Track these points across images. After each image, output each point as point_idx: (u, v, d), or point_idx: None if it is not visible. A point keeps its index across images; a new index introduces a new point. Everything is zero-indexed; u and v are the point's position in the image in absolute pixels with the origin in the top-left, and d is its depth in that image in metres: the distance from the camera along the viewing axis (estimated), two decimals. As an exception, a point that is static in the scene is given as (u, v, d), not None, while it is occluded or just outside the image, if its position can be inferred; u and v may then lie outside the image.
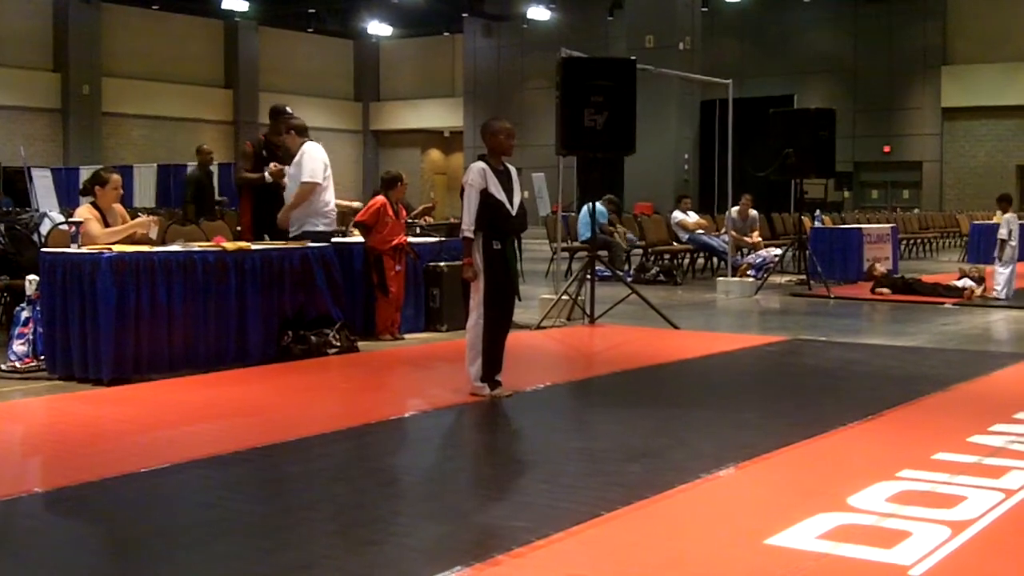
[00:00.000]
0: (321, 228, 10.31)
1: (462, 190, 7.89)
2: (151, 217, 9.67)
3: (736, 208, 18.90)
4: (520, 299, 8.20)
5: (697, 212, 20.98)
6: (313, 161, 10.22)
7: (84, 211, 9.28)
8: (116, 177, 9.46)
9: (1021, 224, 24.43)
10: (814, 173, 17.51)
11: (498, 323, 7.84)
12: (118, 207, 9.47)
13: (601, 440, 6.78)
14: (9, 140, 35.91)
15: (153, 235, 9.25)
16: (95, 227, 9.05)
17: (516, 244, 8.08)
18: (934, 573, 4.19)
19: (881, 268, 16.54)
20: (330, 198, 10.42)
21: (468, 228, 7.70)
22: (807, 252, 16.95)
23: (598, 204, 18.44)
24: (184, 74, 42.47)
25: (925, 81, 38.23)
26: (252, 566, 4.30)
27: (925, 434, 6.67)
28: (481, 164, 7.80)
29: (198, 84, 43.07)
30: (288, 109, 11.07)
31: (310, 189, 10.23)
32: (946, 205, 37.01)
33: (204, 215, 13.76)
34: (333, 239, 10.71)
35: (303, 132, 10.46)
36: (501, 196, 7.74)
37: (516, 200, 7.85)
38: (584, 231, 17.89)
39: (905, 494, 5.22)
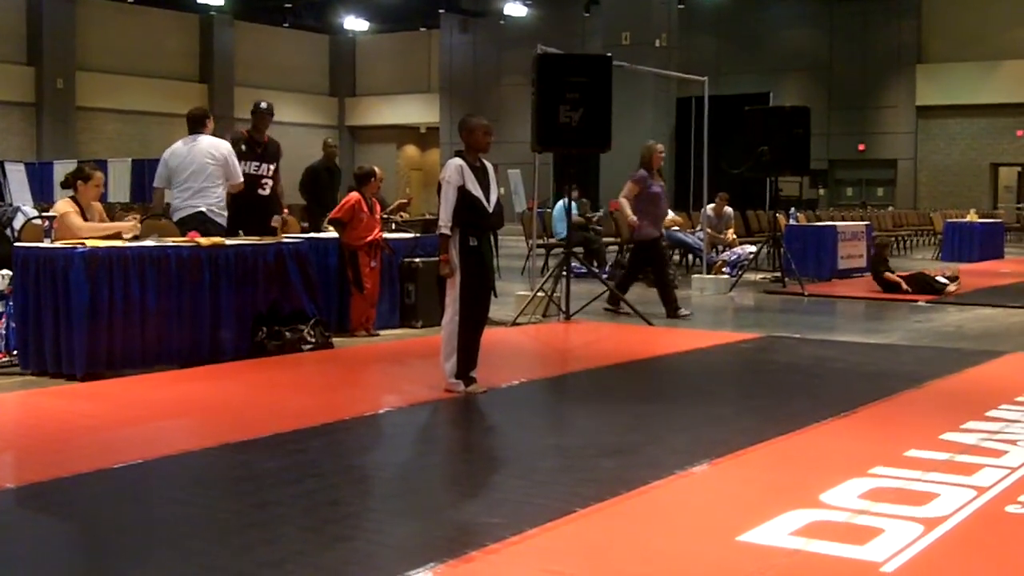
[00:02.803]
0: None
1: (439, 186, 7.89)
2: (136, 223, 9.54)
3: (711, 205, 18.94)
4: (496, 295, 8.20)
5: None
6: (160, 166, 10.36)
7: (64, 204, 9.23)
8: (100, 175, 9.47)
9: (984, 222, 24.78)
10: (789, 170, 17.56)
11: (474, 320, 7.84)
12: (97, 205, 9.46)
13: (575, 436, 6.79)
14: (-18, 134, 35.74)
15: (128, 234, 9.19)
16: (77, 220, 9.02)
17: (493, 241, 8.07)
18: (906, 570, 4.21)
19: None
20: (179, 196, 10.23)
21: (445, 225, 7.69)
22: (781, 249, 17.00)
23: (563, 200, 18.51)
24: (159, 68, 42.30)
25: (900, 79, 38.38)
26: (224, 562, 4.29)
27: (898, 431, 6.70)
28: (458, 160, 7.78)
29: (173, 79, 42.89)
30: (263, 105, 11.03)
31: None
32: (920, 203, 37.17)
33: (319, 208, 13.25)
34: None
35: (191, 124, 10.47)
36: (478, 192, 7.73)
37: (493, 196, 7.85)
38: (559, 227, 17.94)
39: (877, 491, 5.24)
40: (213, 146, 10.16)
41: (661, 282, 13.00)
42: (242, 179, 10.31)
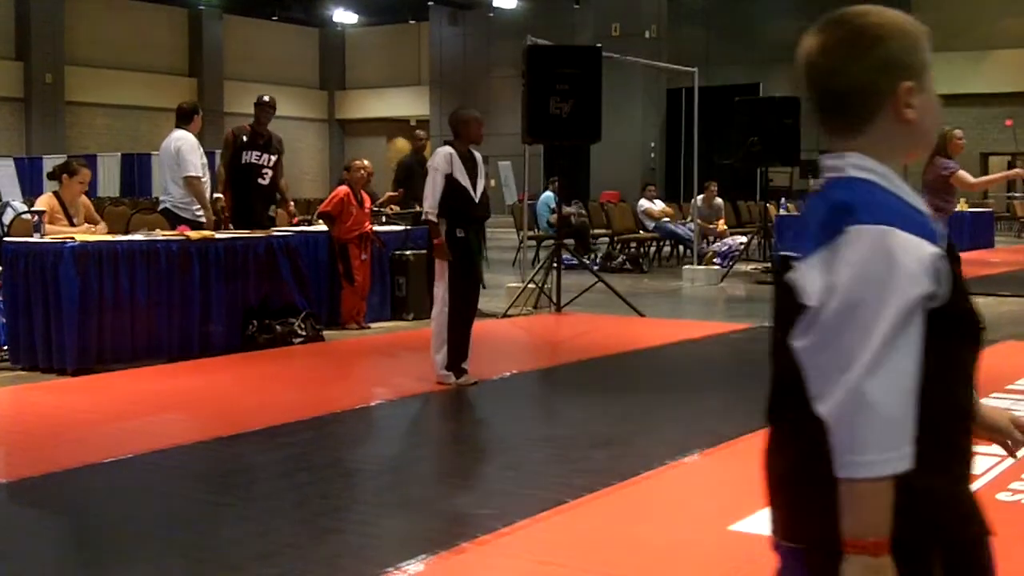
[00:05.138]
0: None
1: (425, 173, 7.91)
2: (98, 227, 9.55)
3: (701, 196, 18.96)
4: (484, 287, 8.20)
5: (663, 200, 21.02)
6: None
7: (43, 201, 9.25)
8: (86, 171, 9.50)
9: (974, 212, 24.82)
10: (779, 161, 17.57)
11: (463, 311, 7.83)
12: (84, 200, 9.46)
13: (566, 428, 6.80)
14: (-30, 130, 35.63)
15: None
16: (44, 220, 9.00)
17: (479, 233, 8.04)
18: (896, 558, 4.22)
19: None
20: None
21: (432, 211, 7.68)
22: (772, 240, 17.00)
23: (548, 192, 18.54)
24: (148, 63, 42.18)
25: (889, 70, 38.41)
26: (216, 555, 4.29)
27: (888, 420, 6.69)
28: (448, 149, 7.78)
29: (162, 73, 42.77)
30: (266, 98, 11.10)
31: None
32: (910, 193, 37.22)
33: (415, 202, 13.12)
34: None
35: (176, 118, 10.56)
36: (466, 182, 7.72)
37: (480, 187, 7.84)
38: (543, 220, 17.96)
39: (868, 480, 5.24)
40: (175, 139, 10.28)
41: None
42: (192, 172, 10.21)
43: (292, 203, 11.72)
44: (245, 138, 10.81)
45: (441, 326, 7.76)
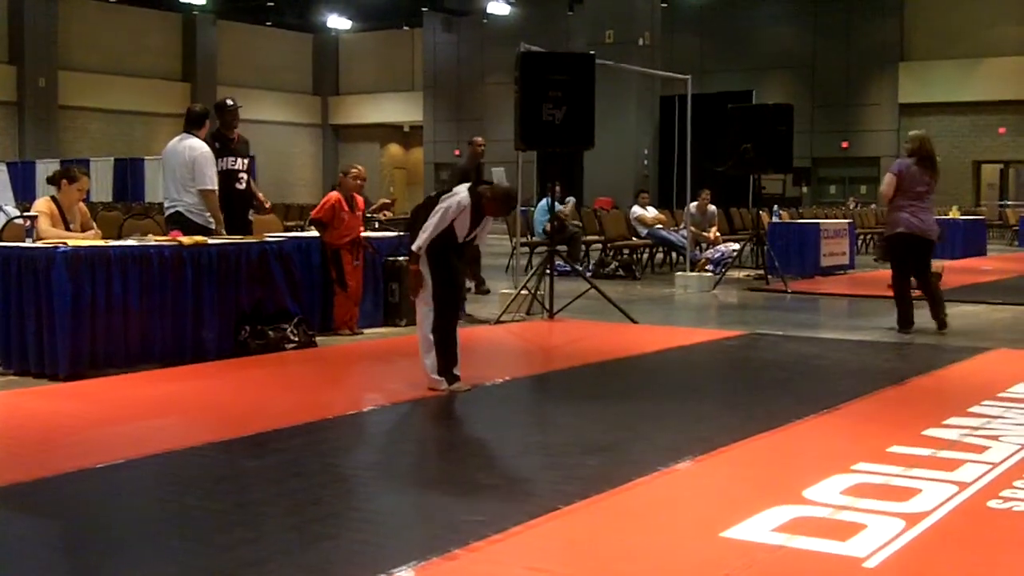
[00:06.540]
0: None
1: (434, 200, 7.88)
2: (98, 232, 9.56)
3: (695, 203, 18.97)
4: (466, 297, 8.19)
5: (656, 207, 21.03)
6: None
7: (41, 204, 9.26)
8: (86, 180, 9.56)
9: (966, 219, 24.86)
10: (772, 168, 17.58)
11: (447, 316, 7.82)
12: (81, 206, 9.47)
13: (559, 434, 6.80)
14: (-36, 134, 35.59)
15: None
16: (44, 223, 8.99)
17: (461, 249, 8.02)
18: (888, 565, 4.22)
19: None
20: (166, 195, 10.55)
21: (422, 246, 7.66)
22: (765, 247, 17.02)
23: (547, 199, 18.53)
24: (142, 67, 42.20)
25: (883, 77, 38.49)
26: (207, 561, 4.28)
27: (880, 427, 6.71)
28: (468, 200, 7.70)
29: (156, 78, 42.81)
30: (229, 102, 11.06)
31: None
32: (903, 200, 37.25)
33: None
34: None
35: (185, 122, 10.54)
36: (462, 232, 7.73)
37: (474, 233, 7.85)
38: (539, 226, 17.95)
39: (860, 487, 5.25)
40: (190, 147, 10.18)
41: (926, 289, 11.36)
42: (209, 186, 10.16)
43: (262, 194, 11.67)
44: (218, 145, 10.77)
45: (428, 330, 7.77)
